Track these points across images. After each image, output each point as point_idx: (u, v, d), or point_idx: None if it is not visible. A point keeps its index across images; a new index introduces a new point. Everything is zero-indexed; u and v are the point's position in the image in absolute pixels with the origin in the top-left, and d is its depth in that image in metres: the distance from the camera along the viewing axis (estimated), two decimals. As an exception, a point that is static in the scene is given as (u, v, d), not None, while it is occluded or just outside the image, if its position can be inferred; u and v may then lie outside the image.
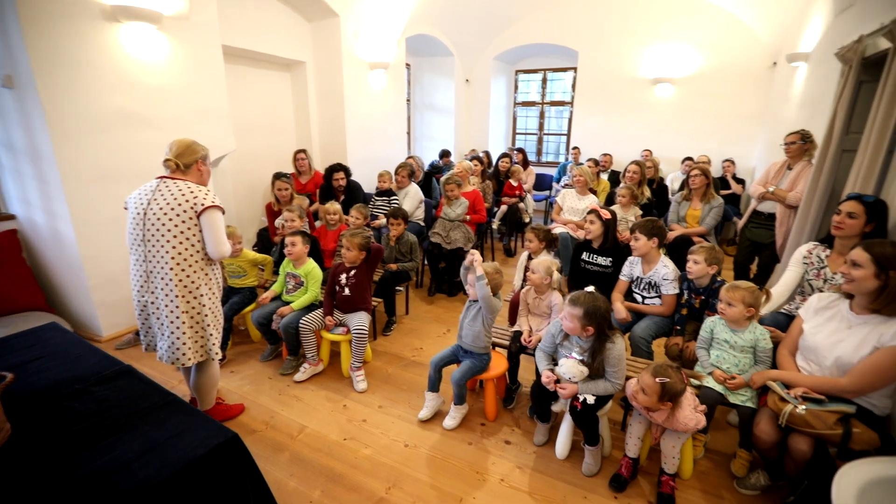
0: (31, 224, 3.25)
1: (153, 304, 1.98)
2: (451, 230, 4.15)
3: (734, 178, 5.81)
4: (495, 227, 5.33)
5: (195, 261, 1.96)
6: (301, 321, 2.76)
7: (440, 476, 2.07)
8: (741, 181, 5.82)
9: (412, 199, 4.56)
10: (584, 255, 2.93)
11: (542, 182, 7.08)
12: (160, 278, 1.93)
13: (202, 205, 1.90)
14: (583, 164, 5.62)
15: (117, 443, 1.31)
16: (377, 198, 4.50)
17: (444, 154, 7.01)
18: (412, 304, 3.93)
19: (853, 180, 2.56)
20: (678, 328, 2.49)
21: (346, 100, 5.11)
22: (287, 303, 2.92)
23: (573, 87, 7.54)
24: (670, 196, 5.25)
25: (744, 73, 6.06)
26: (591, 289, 1.98)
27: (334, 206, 3.74)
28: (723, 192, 5.40)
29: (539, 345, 2.21)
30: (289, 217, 3.37)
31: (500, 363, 2.49)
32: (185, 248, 1.93)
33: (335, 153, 5.25)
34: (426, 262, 4.40)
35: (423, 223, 4.64)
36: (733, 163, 5.90)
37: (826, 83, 3.67)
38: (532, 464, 2.15)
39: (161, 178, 1.97)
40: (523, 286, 2.80)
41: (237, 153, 4.19)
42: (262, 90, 4.80)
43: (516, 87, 8.50)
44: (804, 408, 1.64)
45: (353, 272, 2.84)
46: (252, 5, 4.27)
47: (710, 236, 3.81)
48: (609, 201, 4.81)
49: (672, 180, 6.00)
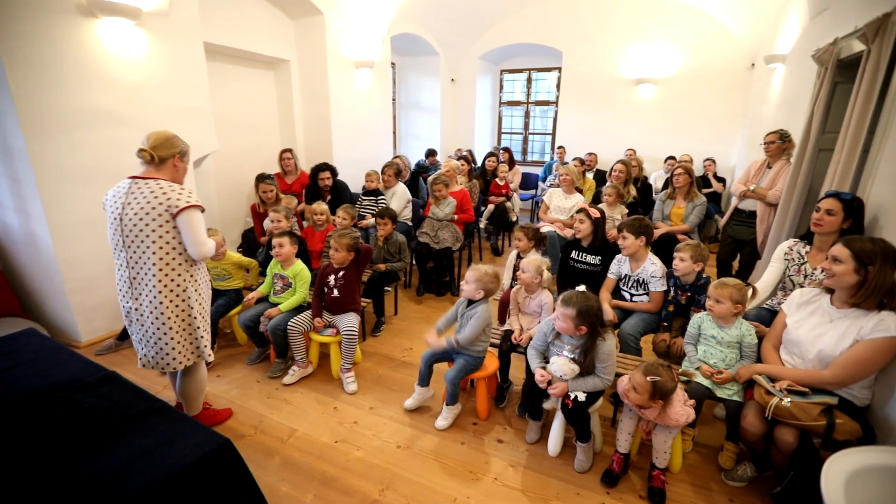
0: (3, 226, 3.13)
1: (136, 310, 1.93)
2: (439, 230, 4.14)
3: (715, 176, 5.94)
4: (482, 226, 5.35)
5: (178, 264, 1.90)
6: (289, 323, 2.72)
7: (434, 476, 2.06)
8: (722, 180, 5.95)
9: (400, 198, 4.53)
10: (574, 254, 2.96)
11: (528, 181, 7.14)
12: (144, 284, 1.88)
13: (176, 207, 1.81)
14: (568, 163, 5.68)
15: (105, 452, 1.27)
16: (364, 198, 4.46)
17: (430, 153, 7.00)
18: (401, 305, 3.92)
19: (830, 178, 2.64)
20: (665, 324, 2.54)
21: (332, 99, 5.06)
22: (274, 304, 2.88)
23: (558, 86, 7.61)
24: (654, 195, 5.34)
25: (723, 74, 6.20)
26: (582, 288, 2.00)
27: (321, 206, 3.69)
28: (704, 191, 5.51)
29: (531, 343, 2.22)
30: (275, 217, 3.32)
31: (492, 362, 2.49)
32: (167, 252, 1.87)
33: (321, 153, 5.19)
34: (414, 262, 4.38)
35: (410, 223, 4.63)
36: (714, 162, 6.03)
37: (803, 84, 3.78)
38: (525, 462, 2.16)
39: (132, 178, 1.86)
40: (513, 285, 2.82)
41: (220, 153, 4.11)
42: (245, 89, 4.72)
43: (501, 87, 8.54)
44: (789, 400, 1.69)
45: (341, 273, 2.81)
46: (234, 2, 4.19)
47: (693, 234, 3.89)
48: (595, 200, 4.87)
49: (655, 179, 6.11)
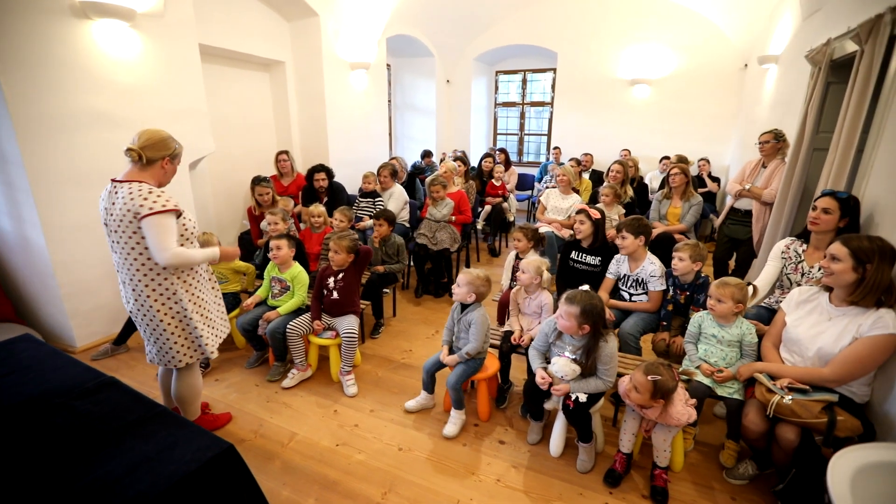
0: (-4, 231, 3.09)
1: (132, 312, 1.92)
2: (436, 231, 4.13)
3: (710, 176, 5.98)
4: (480, 227, 5.34)
5: (162, 268, 1.85)
6: (288, 326, 2.70)
7: (436, 479, 2.05)
8: (716, 179, 5.99)
9: (397, 200, 4.52)
10: (573, 254, 2.96)
11: (524, 182, 7.15)
12: (132, 289, 1.86)
13: (138, 213, 1.74)
14: (564, 163, 5.69)
15: (105, 459, 1.25)
16: (361, 199, 4.45)
17: (426, 154, 6.99)
18: (399, 306, 3.90)
19: (825, 177, 2.67)
20: (664, 324, 2.55)
21: (327, 100, 5.04)
22: (272, 308, 2.86)
23: (553, 87, 7.64)
24: (650, 195, 5.37)
25: (717, 74, 6.25)
26: (585, 287, 2.00)
27: (318, 208, 3.67)
28: (699, 191, 5.54)
29: (532, 343, 2.22)
30: (272, 220, 3.30)
31: (493, 363, 2.49)
32: (148, 258, 1.82)
33: (317, 154, 5.17)
34: (412, 264, 4.37)
35: (408, 224, 4.62)
36: (708, 161, 6.07)
37: (796, 84, 3.81)
38: (527, 462, 2.16)
39: (113, 181, 1.81)
40: (512, 286, 2.81)
41: (216, 155, 4.08)
42: (241, 90, 4.69)
43: (496, 88, 8.56)
44: (790, 398, 1.70)
45: (341, 275, 2.80)
46: (229, 4, 4.16)
47: (690, 233, 3.91)
48: (592, 200, 4.88)
49: (651, 179, 6.14)
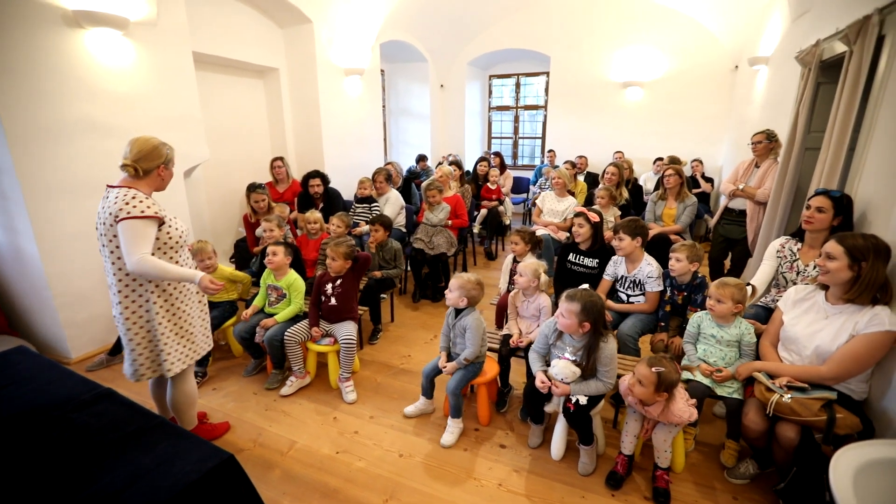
0: (-12, 242, 3.05)
1: (115, 318, 1.91)
2: (433, 235, 4.14)
3: (703, 176, 6.03)
4: (476, 231, 5.35)
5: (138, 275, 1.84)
6: (286, 333, 2.69)
7: (437, 485, 2.04)
8: (710, 180, 6.04)
9: (393, 205, 4.52)
10: (571, 257, 2.97)
11: (520, 185, 7.18)
12: (113, 294, 1.87)
13: (116, 216, 1.73)
14: (559, 166, 5.72)
15: (103, 472, 1.23)
16: (357, 205, 4.44)
17: (421, 158, 7.00)
18: (397, 312, 3.89)
19: (818, 177, 2.69)
20: (662, 324, 2.56)
21: (322, 106, 5.04)
22: (270, 315, 2.85)
23: (546, 91, 7.68)
24: (645, 196, 5.40)
25: (708, 76, 6.32)
26: (585, 286, 2.01)
27: (315, 214, 3.66)
28: (693, 191, 5.58)
29: (532, 346, 2.22)
30: (268, 227, 3.28)
31: (492, 367, 2.48)
32: (125, 263, 1.81)
33: (312, 161, 5.16)
34: (409, 269, 4.37)
35: (404, 229, 4.61)
36: (701, 162, 6.13)
37: (787, 85, 3.85)
38: (528, 466, 2.15)
39: (108, 186, 1.82)
40: (510, 289, 2.82)
41: (211, 162, 4.06)
42: (235, 98, 4.68)
43: (490, 92, 8.60)
44: (790, 396, 1.70)
45: (338, 281, 2.79)
46: (223, 11, 4.17)
47: (685, 234, 3.93)
48: (587, 202, 4.90)
49: (645, 180, 6.18)
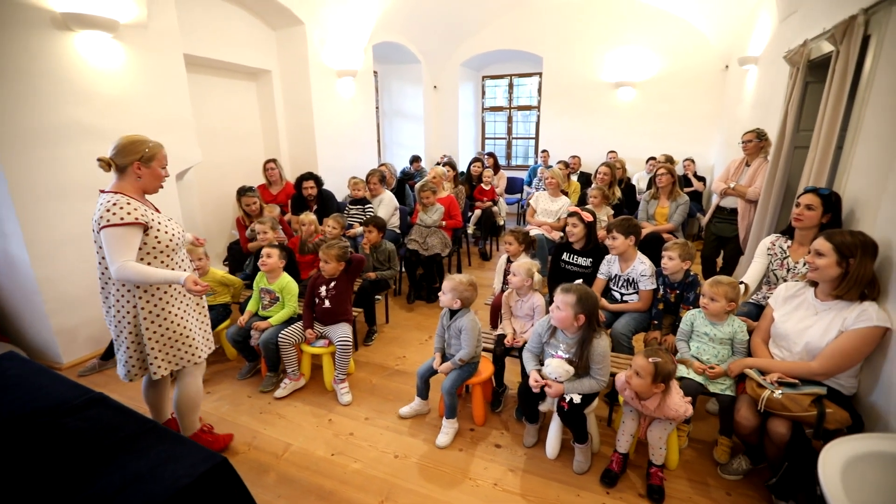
0: (-23, 247, 3.02)
1: (107, 321, 1.91)
2: (427, 236, 4.14)
3: (695, 175, 6.08)
4: (470, 231, 5.36)
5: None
6: (280, 335, 2.68)
7: (433, 485, 2.04)
8: (702, 179, 6.09)
9: (387, 206, 4.51)
10: (565, 256, 2.98)
11: (513, 185, 7.20)
12: (104, 298, 1.88)
13: (99, 223, 1.72)
14: (553, 166, 5.74)
15: (95, 478, 1.22)
16: (351, 207, 4.44)
17: (415, 159, 7.00)
18: (392, 313, 3.89)
19: (807, 174, 2.73)
20: (656, 323, 2.58)
21: (315, 108, 5.03)
22: (263, 318, 2.83)
23: (539, 91, 7.71)
24: (638, 195, 5.43)
25: (699, 76, 6.37)
26: (579, 282, 2.03)
27: (309, 216, 3.65)
28: (685, 190, 5.62)
29: (526, 345, 2.23)
30: (261, 230, 3.27)
31: (487, 367, 2.49)
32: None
33: (305, 162, 5.15)
34: (404, 270, 4.36)
35: (398, 230, 4.61)
36: (693, 161, 6.17)
37: (776, 84, 3.90)
38: (524, 465, 2.16)
39: (101, 192, 1.82)
40: (504, 289, 2.82)
41: (203, 165, 4.04)
42: (227, 100, 4.66)
43: (483, 93, 8.62)
44: (780, 392, 1.72)
45: (332, 283, 2.78)
46: (214, 14, 4.15)
47: (678, 232, 3.96)
48: (581, 202, 4.92)
49: (638, 180, 6.22)
